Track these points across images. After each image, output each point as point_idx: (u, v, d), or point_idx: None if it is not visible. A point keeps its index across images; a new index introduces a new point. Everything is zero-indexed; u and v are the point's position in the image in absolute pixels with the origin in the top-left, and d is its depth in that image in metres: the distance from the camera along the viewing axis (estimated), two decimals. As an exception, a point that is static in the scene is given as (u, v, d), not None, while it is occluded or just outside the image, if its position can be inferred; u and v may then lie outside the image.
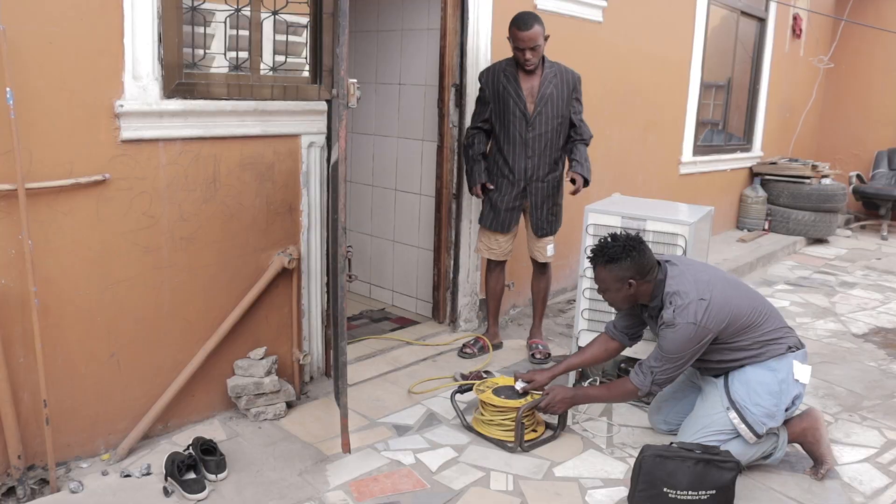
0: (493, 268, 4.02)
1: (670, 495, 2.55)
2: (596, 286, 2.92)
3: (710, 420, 2.80)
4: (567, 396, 3.00)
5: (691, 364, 2.80)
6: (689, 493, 2.55)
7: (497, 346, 4.12)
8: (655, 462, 2.57)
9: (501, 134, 3.78)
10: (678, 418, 3.05)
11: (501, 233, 3.88)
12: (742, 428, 2.73)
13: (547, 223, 3.88)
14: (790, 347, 2.83)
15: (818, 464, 2.89)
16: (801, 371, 2.82)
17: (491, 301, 4.10)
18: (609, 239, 2.82)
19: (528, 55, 3.61)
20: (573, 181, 3.72)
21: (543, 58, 3.71)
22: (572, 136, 3.84)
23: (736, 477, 2.61)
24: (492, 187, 3.80)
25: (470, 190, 3.89)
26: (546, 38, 3.65)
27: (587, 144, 3.86)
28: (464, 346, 4.03)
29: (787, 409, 2.82)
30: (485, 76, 3.80)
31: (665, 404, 3.15)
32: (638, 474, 2.58)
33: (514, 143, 3.75)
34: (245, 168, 3.01)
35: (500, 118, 3.76)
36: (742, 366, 2.81)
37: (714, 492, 2.56)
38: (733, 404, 2.76)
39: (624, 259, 2.74)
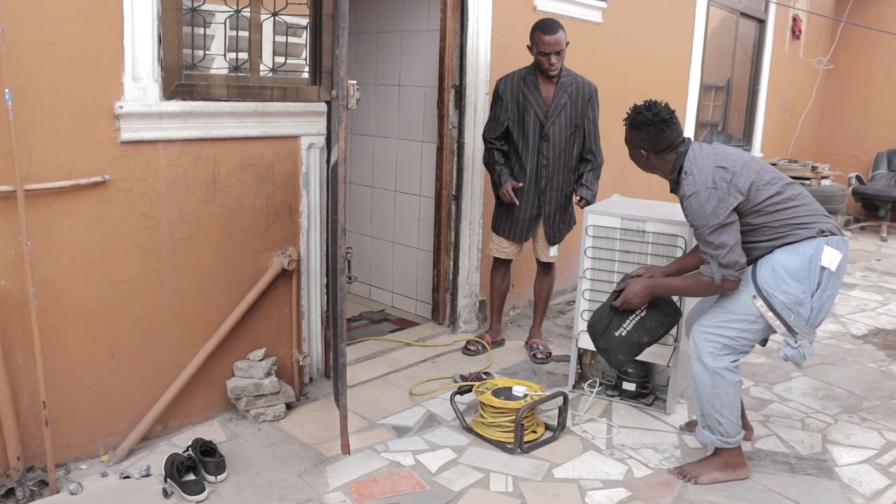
0: (500, 266, 4.03)
1: (623, 334, 2.99)
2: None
3: (735, 305, 2.73)
4: (645, 286, 2.91)
5: (741, 229, 2.67)
6: (630, 320, 2.99)
7: (499, 343, 4.13)
8: (597, 328, 3.05)
9: (520, 142, 3.78)
10: None
11: (517, 242, 3.91)
12: (770, 316, 2.66)
13: (559, 231, 3.91)
14: (822, 231, 2.67)
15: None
16: (830, 256, 2.64)
17: (495, 298, 4.11)
18: (645, 105, 2.80)
19: (554, 59, 3.61)
20: (580, 199, 3.80)
21: (561, 66, 3.71)
22: (585, 161, 3.85)
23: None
24: (521, 184, 3.77)
25: (498, 194, 3.84)
26: (566, 45, 3.65)
27: (599, 167, 3.88)
28: (468, 343, 4.04)
29: (813, 310, 2.66)
30: (503, 83, 3.79)
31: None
32: (596, 340, 3.07)
33: (532, 153, 3.76)
34: (245, 169, 3.01)
35: (518, 127, 3.76)
36: (770, 249, 2.70)
37: (646, 305, 2.97)
38: (760, 292, 2.68)
39: (642, 130, 2.76)
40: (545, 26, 3.61)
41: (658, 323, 2.97)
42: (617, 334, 2.99)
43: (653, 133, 2.75)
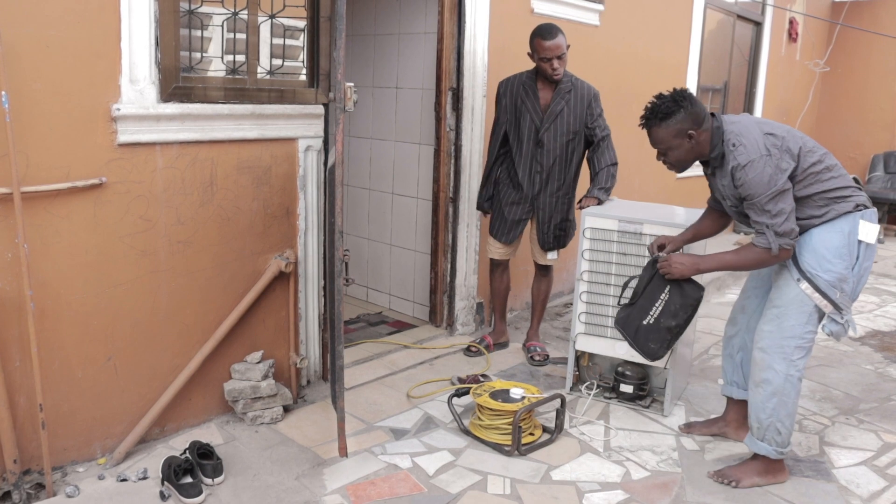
0: (496, 266, 4.03)
1: (650, 322, 2.94)
2: (657, 149, 2.77)
3: (784, 300, 2.68)
4: (693, 262, 2.83)
5: (794, 197, 2.61)
6: (655, 305, 2.93)
7: (503, 345, 4.14)
8: (622, 322, 3.00)
9: (515, 146, 3.78)
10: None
11: (504, 243, 3.91)
12: (816, 297, 2.63)
13: (553, 238, 3.86)
14: (857, 206, 2.67)
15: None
16: (866, 230, 2.65)
17: (496, 299, 4.12)
18: (655, 99, 2.71)
19: (556, 64, 3.57)
20: (581, 204, 3.67)
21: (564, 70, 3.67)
22: (595, 163, 3.76)
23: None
24: (488, 213, 3.97)
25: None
26: (567, 48, 3.62)
27: (613, 165, 3.75)
28: (469, 345, 4.06)
29: (853, 283, 2.68)
30: (504, 85, 3.79)
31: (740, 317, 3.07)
32: (627, 333, 3.00)
33: (525, 158, 3.76)
34: (242, 172, 3.01)
35: (514, 131, 3.76)
36: (808, 227, 2.67)
37: (668, 287, 2.91)
38: (803, 274, 2.65)
39: (678, 111, 2.64)
40: (544, 31, 3.57)
41: (682, 305, 2.89)
42: (644, 323, 2.94)
43: (689, 108, 2.65)
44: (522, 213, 3.84)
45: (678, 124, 2.66)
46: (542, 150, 3.73)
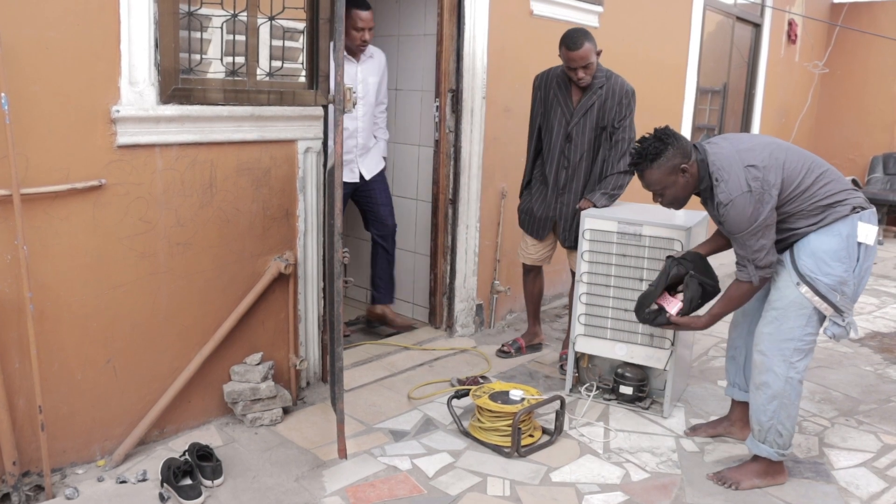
0: (529, 271, 4.02)
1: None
2: (653, 191, 2.79)
3: (784, 302, 2.69)
4: (706, 322, 2.91)
5: (775, 230, 2.67)
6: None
7: (537, 347, 4.13)
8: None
9: (546, 140, 3.76)
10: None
11: (535, 238, 3.88)
12: (816, 300, 2.64)
13: (576, 236, 3.72)
14: (854, 208, 2.66)
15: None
16: (865, 232, 2.66)
17: (528, 303, 4.12)
18: (639, 143, 2.74)
19: (581, 74, 3.54)
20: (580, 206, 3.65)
21: (593, 74, 3.61)
22: (608, 166, 3.68)
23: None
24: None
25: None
26: (599, 53, 3.56)
27: (625, 174, 3.66)
28: (502, 345, 4.07)
29: (854, 285, 2.69)
30: (539, 79, 3.78)
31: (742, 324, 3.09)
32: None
33: (554, 151, 3.73)
34: (242, 173, 3.01)
35: (545, 124, 3.75)
36: (806, 234, 2.69)
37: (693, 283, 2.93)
38: (803, 278, 2.65)
39: (666, 149, 2.67)
40: (569, 41, 3.49)
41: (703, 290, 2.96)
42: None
43: (674, 143, 2.68)
44: (548, 210, 3.79)
45: (669, 161, 2.68)
46: (570, 144, 3.68)
